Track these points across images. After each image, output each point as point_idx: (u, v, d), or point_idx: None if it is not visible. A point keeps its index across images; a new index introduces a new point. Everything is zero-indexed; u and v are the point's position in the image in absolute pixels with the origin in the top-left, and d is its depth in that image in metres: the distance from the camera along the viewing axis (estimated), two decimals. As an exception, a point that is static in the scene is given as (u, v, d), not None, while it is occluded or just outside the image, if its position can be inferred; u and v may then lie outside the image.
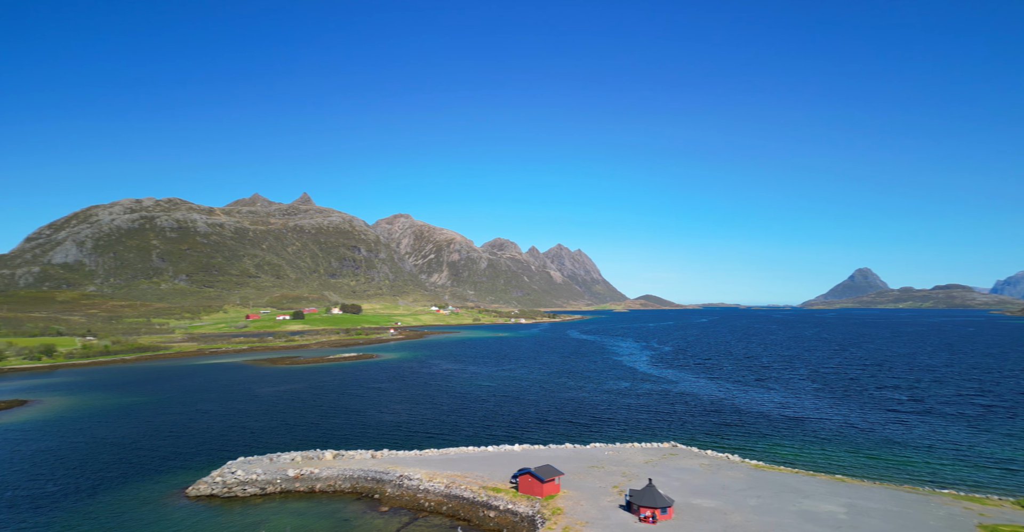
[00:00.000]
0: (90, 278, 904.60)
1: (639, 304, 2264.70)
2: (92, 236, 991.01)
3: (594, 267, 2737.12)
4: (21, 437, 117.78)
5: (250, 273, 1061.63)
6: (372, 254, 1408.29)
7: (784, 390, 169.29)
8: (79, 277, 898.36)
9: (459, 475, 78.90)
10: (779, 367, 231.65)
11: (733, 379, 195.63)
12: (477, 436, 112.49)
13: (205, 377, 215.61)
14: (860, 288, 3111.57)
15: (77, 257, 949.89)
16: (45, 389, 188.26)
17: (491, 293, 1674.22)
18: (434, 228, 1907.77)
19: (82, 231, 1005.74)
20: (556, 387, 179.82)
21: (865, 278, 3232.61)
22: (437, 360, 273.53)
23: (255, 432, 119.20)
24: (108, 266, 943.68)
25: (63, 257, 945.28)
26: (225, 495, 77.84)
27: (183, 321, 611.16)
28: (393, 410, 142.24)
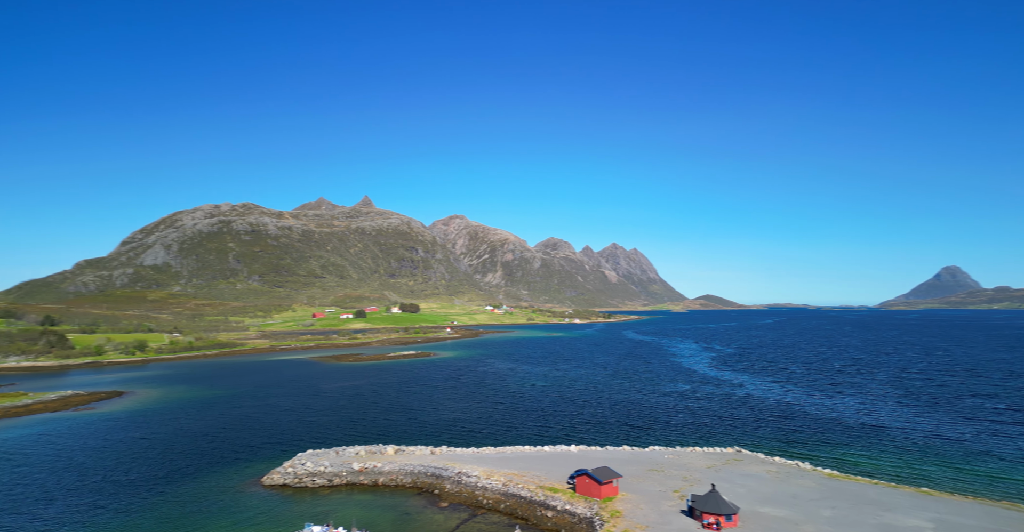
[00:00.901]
0: (176, 279, 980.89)
1: (699, 304, 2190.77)
2: (177, 240, 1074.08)
3: (650, 266, 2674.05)
4: (117, 426, 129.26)
5: (316, 273, 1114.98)
6: (429, 254, 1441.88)
7: (861, 396, 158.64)
8: (166, 278, 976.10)
9: (516, 474, 79.38)
10: (855, 372, 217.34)
11: (802, 383, 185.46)
12: (532, 435, 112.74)
13: (276, 373, 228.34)
14: (947, 288, 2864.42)
15: (165, 259, 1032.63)
16: (138, 381, 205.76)
17: (544, 293, 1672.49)
18: (488, 228, 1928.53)
19: (169, 235, 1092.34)
20: (612, 388, 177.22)
21: (953, 277, 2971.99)
22: (492, 359, 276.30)
23: (321, 426, 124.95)
24: (191, 267, 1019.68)
25: (153, 259, 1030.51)
26: (296, 485, 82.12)
27: (256, 319, 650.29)
28: (450, 408, 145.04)
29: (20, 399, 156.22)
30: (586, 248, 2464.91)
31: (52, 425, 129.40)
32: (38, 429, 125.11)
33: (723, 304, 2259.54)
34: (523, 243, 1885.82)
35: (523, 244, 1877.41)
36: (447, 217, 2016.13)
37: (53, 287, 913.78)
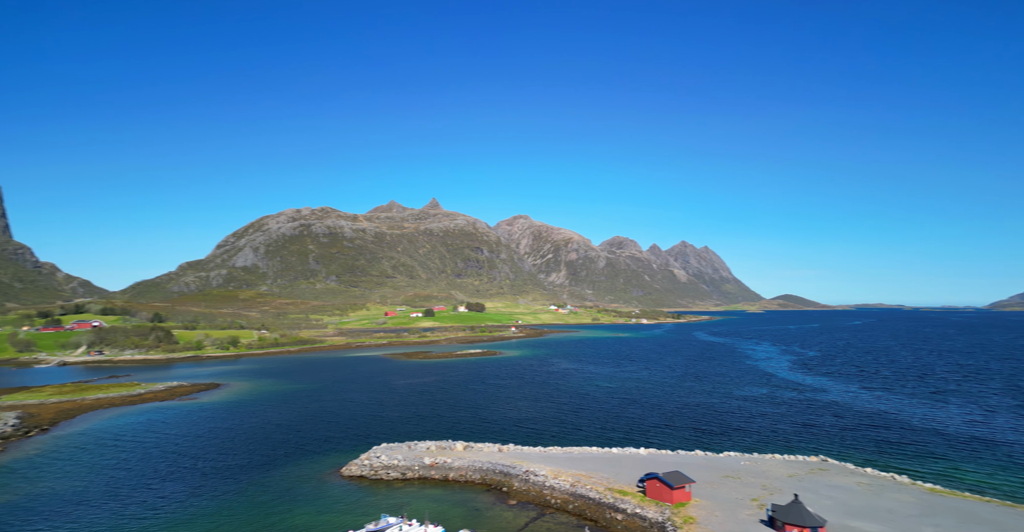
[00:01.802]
0: (263, 279, 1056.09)
1: (777, 305, 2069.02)
2: (264, 243, 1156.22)
3: (723, 265, 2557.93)
4: (214, 415, 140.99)
5: (387, 273, 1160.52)
6: (494, 254, 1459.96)
7: (969, 406, 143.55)
8: (255, 278, 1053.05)
9: (584, 474, 78.71)
10: (960, 379, 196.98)
11: (898, 390, 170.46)
12: (598, 437, 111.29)
13: (352, 369, 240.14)
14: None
15: (253, 261, 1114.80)
16: (232, 374, 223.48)
17: (610, 292, 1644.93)
18: (552, 228, 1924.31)
19: (256, 238, 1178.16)
20: (681, 391, 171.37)
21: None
22: (557, 359, 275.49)
23: (392, 421, 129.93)
24: (276, 268, 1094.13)
25: (243, 261, 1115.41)
26: (372, 477, 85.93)
27: (334, 317, 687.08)
28: (515, 406, 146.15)
29: (135, 389, 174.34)
30: (653, 247, 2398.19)
31: (160, 413, 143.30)
32: (148, 417, 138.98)
33: (804, 304, 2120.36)
34: (587, 242, 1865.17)
35: (587, 243, 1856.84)
36: (511, 217, 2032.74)
37: (161, 287, 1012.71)
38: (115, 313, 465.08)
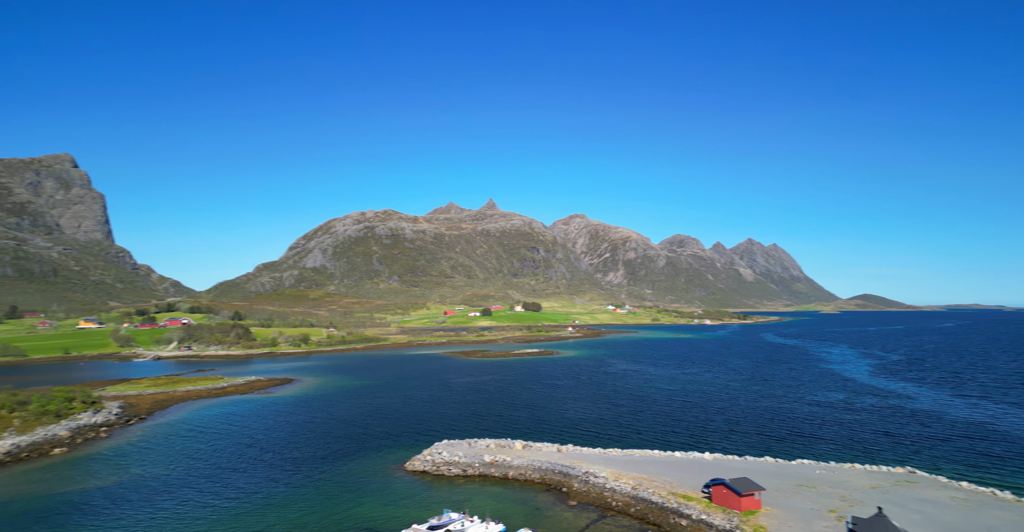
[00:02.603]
0: (330, 279, 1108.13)
1: (854, 305, 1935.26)
2: (332, 244, 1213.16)
3: (793, 263, 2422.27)
4: (286, 410, 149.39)
5: (446, 274, 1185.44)
6: (550, 254, 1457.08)
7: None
8: (323, 278, 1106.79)
9: (645, 478, 77.07)
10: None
11: (998, 399, 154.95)
12: (658, 440, 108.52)
13: (413, 366, 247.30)
14: None
15: (322, 262, 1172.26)
16: (303, 370, 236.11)
17: (670, 292, 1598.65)
18: (609, 227, 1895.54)
19: (325, 240, 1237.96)
20: (748, 395, 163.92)
21: None
22: (615, 360, 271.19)
23: (451, 418, 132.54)
24: (342, 269, 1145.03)
25: (313, 262, 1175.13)
26: (434, 472, 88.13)
27: (396, 316, 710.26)
28: (572, 407, 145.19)
29: (218, 382, 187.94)
30: (717, 245, 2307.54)
31: (239, 406, 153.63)
32: (229, 409, 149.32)
33: (885, 305, 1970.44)
34: (646, 241, 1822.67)
35: (646, 242, 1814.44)
36: (567, 216, 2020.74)
37: (240, 287, 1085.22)
38: (201, 311, 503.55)
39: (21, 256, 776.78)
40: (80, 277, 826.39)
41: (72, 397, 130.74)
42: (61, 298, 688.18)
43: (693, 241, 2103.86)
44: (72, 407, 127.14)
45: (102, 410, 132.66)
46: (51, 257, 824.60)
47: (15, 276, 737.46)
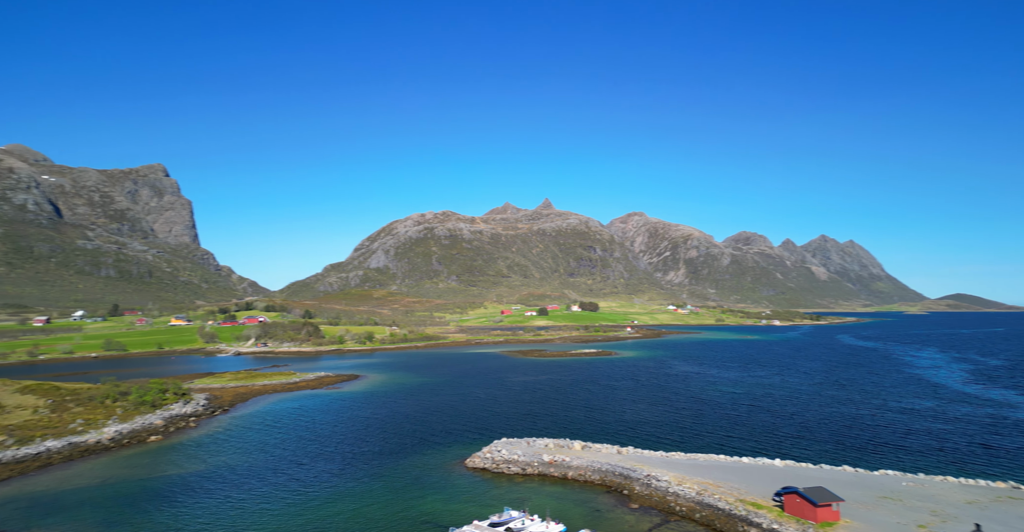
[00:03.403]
0: (393, 279, 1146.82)
1: (945, 305, 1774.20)
2: (394, 245, 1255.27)
3: (873, 260, 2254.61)
4: (352, 404, 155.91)
5: (503, 273, 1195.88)
6: (607, 253, 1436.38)
7: None
8: (386, 278, 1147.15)
9: (711, 483, 74.50)
10: None
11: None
12: (722, 445, 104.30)
13: (471, 364, 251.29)
14: None
15: (385, 262, 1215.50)
16: (368, 367, 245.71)
17: (735, 292, 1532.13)
18: (669, 224, 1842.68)
19: (387, 241, 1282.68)
20: (822, 400, 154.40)
21: None
22: (676, 361, 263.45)
23: (509, 417, 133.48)
24: (404, 269, 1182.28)
25: (376, 262, 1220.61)
26: (494, 470, 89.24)
27: (455, 315, 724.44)
28: (631, 409, 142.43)
29: (291, 377, 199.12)
30: (786, 242, 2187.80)
31: (310, 400, 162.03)
32: (301, 402, 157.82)
33: (982, 305, 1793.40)
34: (709, 238, 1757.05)
35: (709, 239, 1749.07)
36: (625, 215, 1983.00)
37: (310, 287, 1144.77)
38: (275, 310, 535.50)
39: (122, 259, 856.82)
40: (171, 278, 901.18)
41: (166, 389, 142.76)
42: (155, 297, 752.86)
43: (760, 238, 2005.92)
44: (166, 398, 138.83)
45: (191, 402, 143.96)
46: (147, 259, 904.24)
47: (117, 277, 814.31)
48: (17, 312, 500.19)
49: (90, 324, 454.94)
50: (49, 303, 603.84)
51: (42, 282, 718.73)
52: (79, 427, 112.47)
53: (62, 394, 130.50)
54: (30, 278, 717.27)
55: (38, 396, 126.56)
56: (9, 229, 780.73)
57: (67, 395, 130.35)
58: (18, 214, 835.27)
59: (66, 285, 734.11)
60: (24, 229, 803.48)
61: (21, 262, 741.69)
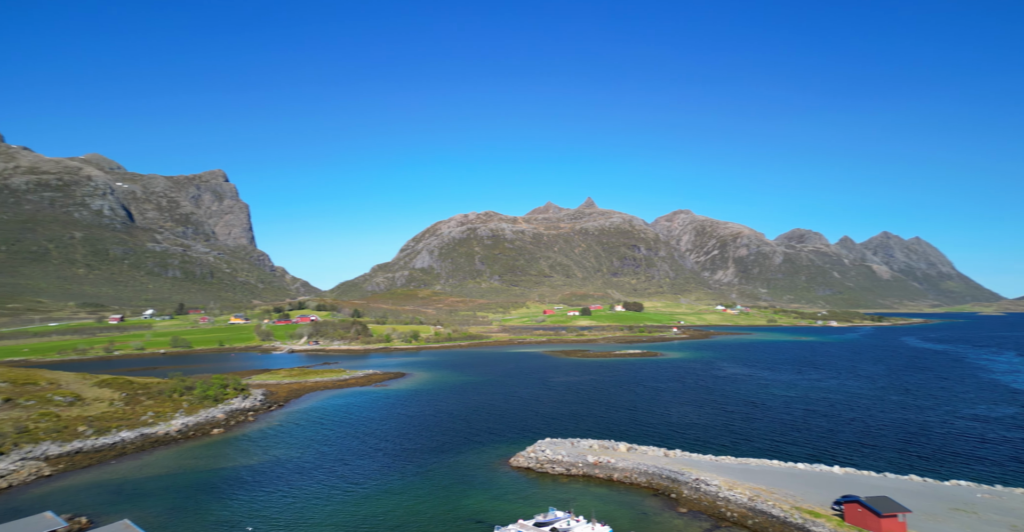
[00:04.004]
0: (437, 279, 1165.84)
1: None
2: (438, 246, 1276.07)
3: (942, 258, 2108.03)
4: (398, 402, 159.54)
5: (545, 273, 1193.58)
6: (652, 252, 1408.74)
7: None
8: (430, 278, 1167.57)
9: (763, 489, 71.89)
10: None
11: None
12: (775, 450, 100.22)
13: (514, 364, 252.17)
14: None
15: (429, 263, 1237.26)
16: (414, 365, 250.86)
17: (788, 291, 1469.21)
18: (717, 222, 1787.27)
19: (431, 242, 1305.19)
20: (885, 405, 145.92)
21: None
22: (724, 362, 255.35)
23: (551, 417, 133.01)
24: (447, 269, 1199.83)
25: (421, 263, 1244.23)
26: (538, 470, 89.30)
27: (497, 314, 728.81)
28: (677, 411, 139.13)
29: (341, 374, 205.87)
30: (844, 239, 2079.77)
31: (359, 397, 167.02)
32: (350, 399, 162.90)
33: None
34: (759, 236, 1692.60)
35: (759, 237, 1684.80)
36: (670, 213, 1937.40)
37: (358, 286, 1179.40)
38: (326, 309, 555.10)
39: (186, 260, 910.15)
40: (230, 278, 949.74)
41: (226, 384, 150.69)
42: (216, 296, 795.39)
43: (815, 236, 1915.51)
44: (226, 393, 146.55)
45: (249, 396, 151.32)
46: (208, 261, 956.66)
47: (182, 278, 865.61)
48: (95, 311, 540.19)
49: (159, 322, 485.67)
50: (122, 302, 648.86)
51: (116, 283, 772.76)
52: (150, 419, 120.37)
53: (135, 388, 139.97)
54: (106, 279, 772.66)
55: (114, 390, 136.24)
56: (88, 233, 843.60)
57: (139, 389, 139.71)
58: (96, 219, 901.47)
59: (137, 285, 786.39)
60: (101, 233, 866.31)
61: (98, 264, 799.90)
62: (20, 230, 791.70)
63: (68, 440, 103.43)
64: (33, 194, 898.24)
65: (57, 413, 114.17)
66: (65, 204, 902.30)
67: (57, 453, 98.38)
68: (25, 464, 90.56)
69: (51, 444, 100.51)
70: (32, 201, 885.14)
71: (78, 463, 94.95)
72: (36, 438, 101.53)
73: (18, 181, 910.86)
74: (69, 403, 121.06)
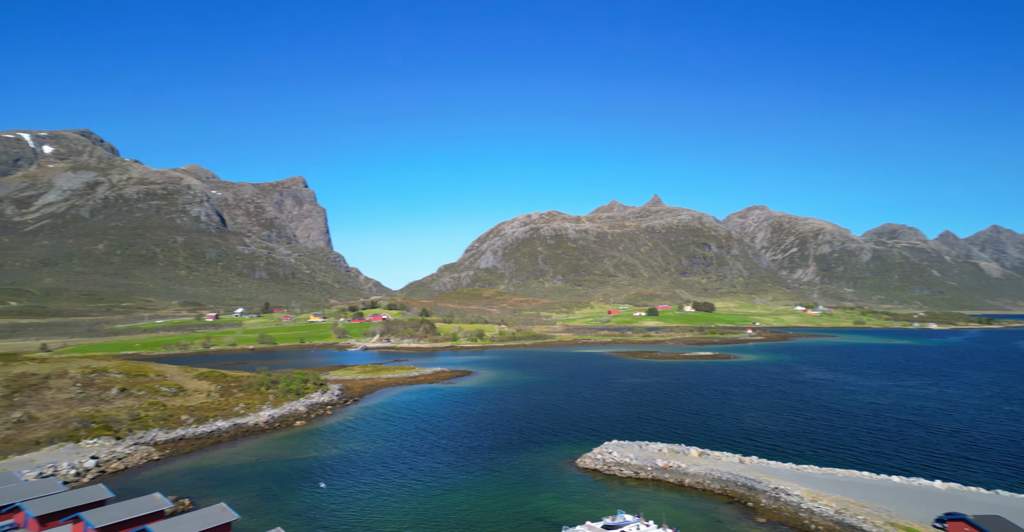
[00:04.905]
0: (500, 279, 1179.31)
1: None
2: (501, 246, 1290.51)
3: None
4: (464, 399, 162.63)
5: (609, 273, 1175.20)
6: (723, 250, 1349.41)
7: None
8: (494, 278, 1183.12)
9: (852, 502, 66.99)
10: None
11: None
12: (863, 461, 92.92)
13: (577, 364, 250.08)
14: None
15: (493, 263, 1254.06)
16: (479, 364, 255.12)
17: (879, 291, 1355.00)
18: (796, 218, 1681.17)
19: (495, 243, 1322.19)
20: (994, 416, 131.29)
21: None
22: (805, 366, 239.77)
23: (617, 419, 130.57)
24: (511, 269, 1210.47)
25: (485, 263, 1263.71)
26: (605, 472, 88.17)
27: (561, 314, 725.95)
28: (751, 416, 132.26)
29: (411, 372, 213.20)
30: (945, 234, 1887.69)
31: (427, 394, 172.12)
32: (419, 396, 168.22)
33: None
34: (844, 232, 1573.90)
35: (844, 233, 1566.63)
36: (744, 209, 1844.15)
37: (426, 286, 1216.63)
38: (396, 308, 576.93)
39: (271, 262, 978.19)
40: (309, 279, 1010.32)
41: (307, 379, 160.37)
42: (297, 296, 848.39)
43: (910, 231, 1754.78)
44: (307, 387, 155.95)
45: (328, 391, 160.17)
46: (290, 262, 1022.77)
47: (267, 278, 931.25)
48: (194, 309, 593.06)
49: (247, 319, 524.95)
50: (217, 301, 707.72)
51: (212, 283, 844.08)
52: (241, 410, 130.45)
53: (228, 381, 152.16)
54: (203, 280, 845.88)
55: (210, 382, 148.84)
56: (188, 238, 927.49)
57: (232, 382, 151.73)
58: (194, 225, 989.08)
59: (229, 286, 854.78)
60: (198, 237, 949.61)
61: (196, 266, 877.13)
62: (132, 236, 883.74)
63: (173, 428, 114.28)
64: (143, 202, 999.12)
65: (163, 403, 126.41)
66: (169, 211, 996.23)
67: (164, 439, 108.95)
68: (138, 448, 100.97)
69: (159, 431, 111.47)
70: (142, 209, 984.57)
71: (181, 449, 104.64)
72: (146, 425, 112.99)
73: (130, 191, 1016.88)
74: (173, 394, 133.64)
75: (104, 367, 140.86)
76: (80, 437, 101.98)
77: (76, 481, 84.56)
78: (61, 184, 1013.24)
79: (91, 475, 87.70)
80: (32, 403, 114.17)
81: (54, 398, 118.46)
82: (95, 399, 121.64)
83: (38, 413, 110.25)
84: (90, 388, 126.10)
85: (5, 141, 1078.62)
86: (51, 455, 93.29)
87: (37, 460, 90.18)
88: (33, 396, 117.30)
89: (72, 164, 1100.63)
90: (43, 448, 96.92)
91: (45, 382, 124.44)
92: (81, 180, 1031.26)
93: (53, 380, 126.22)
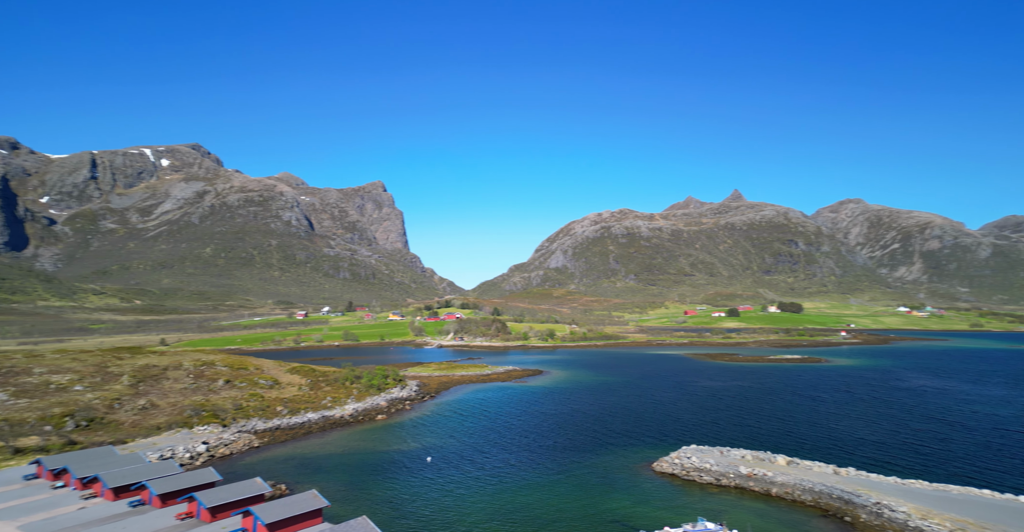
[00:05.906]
0: (571, 278, 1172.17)
1: None
2: (571, 246, 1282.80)
3: None
4: (536, 398, 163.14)
5: (685, 272, 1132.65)
6: (812, 247, 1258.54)
7: None
8: (564, 278, 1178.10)
9: (970, 522, 60.32)
10: None
11: None
12: (982, 478, 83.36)
13: (652, 366, 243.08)
14: None
15: (563, 262, 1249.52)
16: (550, 363, 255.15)
17: (1001, 291, 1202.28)
18: (897, 211, 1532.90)
19: (565, 242, 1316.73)
20: None
21: None
22: (908, 372, 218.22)
23: (693, 423, 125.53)
24: (582, 269, 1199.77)
25: (555, 263, 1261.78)
26: (684, 477, 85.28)
27: (634, 314, 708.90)
28: (845, 425, 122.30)
29: (484, 370, 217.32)
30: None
31: (500, 392, 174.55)
32: (492, 394, 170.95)
33: None
34: (957, 226, 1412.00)
35: (957, 227, 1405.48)
36: (836, 203, 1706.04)
37: (497, 286, 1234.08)
38: (469, 308, 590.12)
39: (354, 263, 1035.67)
40: (388, 279, 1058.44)
41: (387, 375, 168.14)
42: (377, 295, 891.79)
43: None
44: (387, 383, 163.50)
45: (406, 387, 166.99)
46: (371, 263, 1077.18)
47: (350, 279, 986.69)
48: (287, 308, 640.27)
49: (333, 318, 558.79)
50: (306, 300, 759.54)
51: (301, 283, 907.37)
52: (328, 403, 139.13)
53: (316, 375, 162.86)
54: (294, 280, 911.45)
55: (301, 376, 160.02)
56: (281, 241, 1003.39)
57: (320, 376, 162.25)
58: (286, 228, 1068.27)
59: (316, 286, 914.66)
60: (290, 241, 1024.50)
61: (288, 267, 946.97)
62: (234, 240, 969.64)
63: (270, 418, 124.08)
64: (242, 209, 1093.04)
65: (261, 394, 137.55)
66: (264, 216, 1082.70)
67: (263, 428, 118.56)
68: (241, 436, 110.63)
69: (258, 420, 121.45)
70: (242, 215, 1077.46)
71: (277, 438, 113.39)
72: (248, 414, 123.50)
73: (232, 199, 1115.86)
74: (269, 386, 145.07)
75: (212, 361, 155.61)
76: (193, 424, 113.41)
77: (190, 464, 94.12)
78: (176, 194, 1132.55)
79: (202, 459, 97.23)
80: (153, 392, 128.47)
81: (171, 387, 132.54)
82: (204, 389, 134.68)
83: (158, 401, 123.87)
84: (200, 379, 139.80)
85: (131, 157, 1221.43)
86: (169, 439, 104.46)
87: (158, 443, 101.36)
88: (154, 385, 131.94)
89: (184, 175, 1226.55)
90: (163, 433, 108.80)
91: (164, 373, 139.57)
92: (192, 189, 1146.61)
93: (170, 371, 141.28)
